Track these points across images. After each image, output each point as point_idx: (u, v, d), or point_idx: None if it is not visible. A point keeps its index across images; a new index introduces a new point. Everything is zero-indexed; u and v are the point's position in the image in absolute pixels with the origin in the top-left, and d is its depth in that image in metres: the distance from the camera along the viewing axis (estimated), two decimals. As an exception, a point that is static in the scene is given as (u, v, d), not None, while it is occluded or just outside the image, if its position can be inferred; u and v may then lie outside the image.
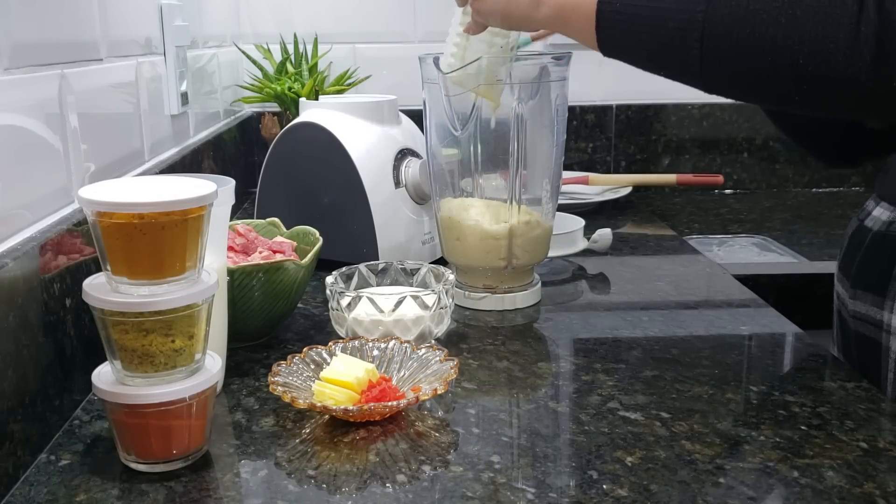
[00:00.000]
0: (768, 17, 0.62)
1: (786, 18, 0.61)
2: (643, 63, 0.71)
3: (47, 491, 0.59)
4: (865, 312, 0.85)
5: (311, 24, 1.62)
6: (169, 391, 0.59)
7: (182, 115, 1.16)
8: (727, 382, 0.75)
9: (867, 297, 0.84)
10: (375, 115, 1.09)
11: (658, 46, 0.67)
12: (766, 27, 0.62)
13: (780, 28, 0.62)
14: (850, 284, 0.87)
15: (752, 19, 0.62)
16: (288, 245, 0.87)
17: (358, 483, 0.59)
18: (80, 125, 0.78)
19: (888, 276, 0.81)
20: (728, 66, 0.65)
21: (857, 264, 0.87)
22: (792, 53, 0.62)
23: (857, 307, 0.86)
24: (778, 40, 0.62)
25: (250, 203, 1.41)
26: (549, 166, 0.95)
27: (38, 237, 0.66)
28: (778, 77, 0.64)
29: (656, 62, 0.69)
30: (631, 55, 0.71)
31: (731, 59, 0.64)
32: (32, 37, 0.70)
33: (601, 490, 0.58)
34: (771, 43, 0.62)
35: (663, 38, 0.66)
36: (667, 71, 0.69)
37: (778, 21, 0.62)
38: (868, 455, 0.62)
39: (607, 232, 1.16)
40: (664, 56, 0.68)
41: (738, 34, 0.63)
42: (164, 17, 1.09)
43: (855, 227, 0.90)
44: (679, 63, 0.67)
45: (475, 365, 0.80)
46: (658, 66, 0.70)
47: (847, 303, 0.88)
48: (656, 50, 0.67)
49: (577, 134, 1.69)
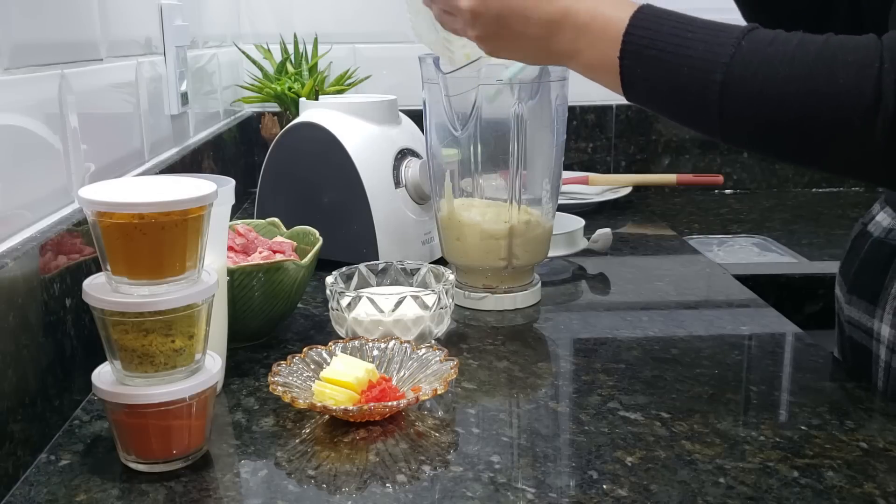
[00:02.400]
0: (792, 82, 0.60)
1: (807, 90, 0.60)
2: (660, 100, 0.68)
3: (47, 491, 0.59)
4: (858, 319, 0.84)
5: (311, 24, 1.62)
6: (169, 391, 0.59)
7: (182, 115, 1.16)
8: (727, 382, 0.75)
9: (861, 304, 0.84)
10: (375, 115, 1.09)
11: (678, 85, 0.65)
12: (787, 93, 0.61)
13: (800, 99, 0.60)
14: (847, 289, 0.87)
15: (775, 75, 0.60)
16: (288, 245, 0.87)
17: (358, 483, 0.59)
18: (80, 125, 0.78)
19: (881, 284, 0.80)
20: (747, 121, 0.63)
21: (855, 269, 0.86)
22: (809, 124, 0.61)
23: (852, 313, 0.85)
24: (797, 110, 0.61)
25: (250, 203, 1.41)
26: (549, 166, 0.95)
27: (38, 237, 0.66)
28: (795, 140, 0.63)
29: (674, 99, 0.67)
30: (650, 92, 0.68)
31: (750, 114, 0.63)
32: (32, 37, 0.70)
33: (601, 490, 0.58)
34: (790, 110, 0.61)
35: (684, 79, 0.64)
36: (684, 112, 0.67)
37: (799, 92, 0.60)
38: (868, 455, 0.62)
39: (607, 232, 1.16)
40: (683, 94, 0.65)
41: (761, 88, 0.61)
42: (164, 17, 1.09)
43: (858, 231, 0.89)
44: (697, 106, 0.65)
45: (475, 365, 0.80)
46: (676, 106, 0.67)
47: (843, 307, 0.88)
48: (675, 86, 0.65)
49: (577, 134, 1.69)
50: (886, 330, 0.79)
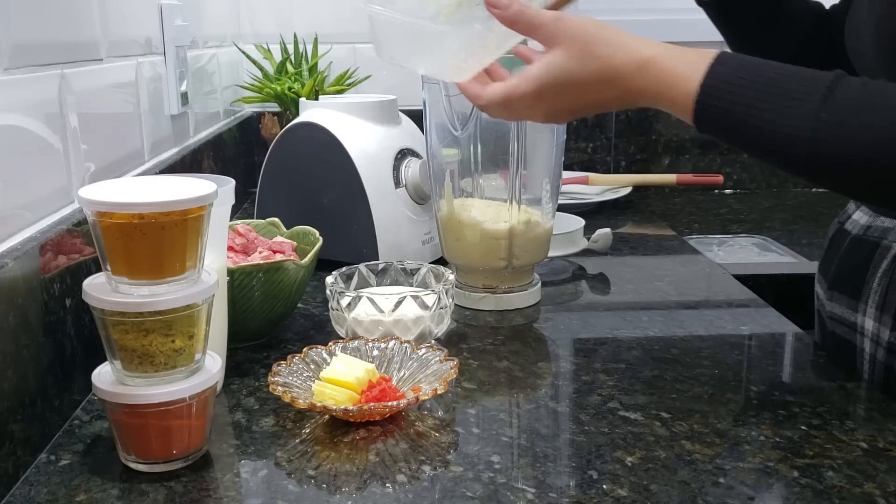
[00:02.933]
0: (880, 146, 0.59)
1: None
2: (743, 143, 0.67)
3: (47, 491, 0.59)
4: (841, 314, 0.85)
5: (311, 24, 1.62)
6: (169, 391, 0.59)
7: (182, 115, 1.16)
8: (727, 382, 0.75)
9: (843, 300, 0.85)
10: (375, 115, 1.09)
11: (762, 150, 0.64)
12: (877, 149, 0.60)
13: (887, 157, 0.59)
14: (828, 286, 0.88)
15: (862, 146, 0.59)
16: (288, 245, 0.87)
17: (358, 483, 0.59)
18: (80, 125, 0.78)
19: (862, 280, 0.82)
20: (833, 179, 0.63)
21: (835, 266, 0.87)
22: None
23: (834, 308, 0.87)
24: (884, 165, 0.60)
25: (250, 203, 1.41)
26: (549, 166, 0.95)
27: (38, 237, 0.66)
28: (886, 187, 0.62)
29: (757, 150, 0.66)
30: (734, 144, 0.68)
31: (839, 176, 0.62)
32: (32, 37, 0.70)
33: (601, 490, 0.58)
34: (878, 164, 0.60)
35: (768, 145, 0.63)
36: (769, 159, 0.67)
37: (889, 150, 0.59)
38: (868, 455, 0.62)
39: (607, 232, 1.16)
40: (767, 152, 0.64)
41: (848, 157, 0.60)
42: (164, 17, 1.09)
43: (836, 230, 0.90)
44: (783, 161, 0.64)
45: (475, 365, 0.80)
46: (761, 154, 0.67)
47: (825, 304, 0.89)
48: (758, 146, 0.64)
49: (577, 134, 1.69)
50: (870, 323, 0.80)
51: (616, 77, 0.66)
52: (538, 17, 0.68)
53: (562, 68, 0.67)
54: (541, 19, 0.68)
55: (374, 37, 0.78)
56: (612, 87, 0.67)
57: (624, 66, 0.65)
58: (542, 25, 0.68)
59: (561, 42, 0.67)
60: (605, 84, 0.67)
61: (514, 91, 0.69)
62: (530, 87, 0.68)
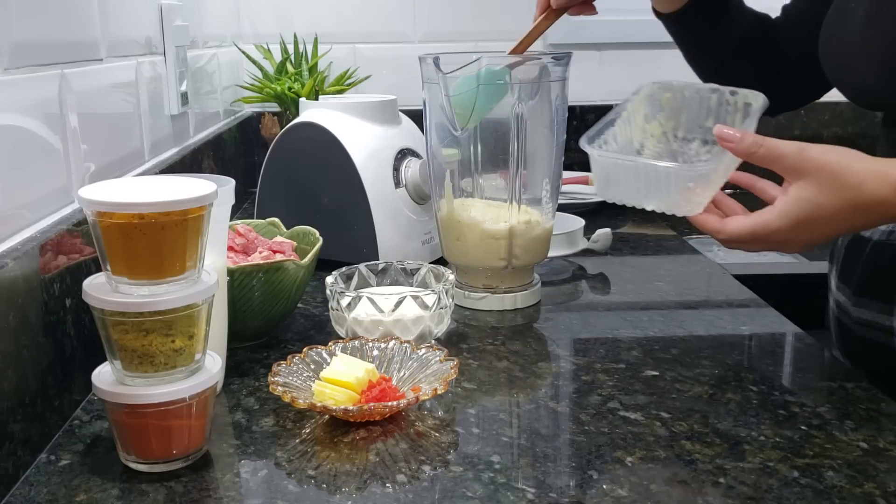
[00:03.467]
0: None
1: None
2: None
3: (47, 491, 0.59)
4: (872, 319, 0.85)
5: (311, 24, 1.62)
6: (169, 391, 0.59)
7: (182, 115, 1.16)
8: (727, 382, 0.75)
9: (873, 305, 0.85)
10: (375, 115, 1.09)
11: None
12: None
13: None
14: (853, 293, 0.88)
15: None
16: (288, 245, 0.87)
17: (358, 483, 0.59)
18: (80, 125, 0.78)
19: (893, 282, 0.82)
20: None
21: (860, 273, 0.87)
22: None
23: (863, 314, 0.86)
24: None
25: (250, 203, 1.41)
26: (549, 166, 0.95)
27: (38, 237, 0.66)
28: None
29: None
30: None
31: None
32: (32, 37, 0.70)
33: (601, 490, 0.58)
34: None
35: None
36: None
37: None
38: (868, 455, 0.62)
39: (607, 232, 1.16)
40: None
41: None
42: (164, 17, 1.09)
43: (852, 237, 0.90)
44: None
45: (475, 365, 0.80)
46: None
47: (850, 311, 0.88)
48: None
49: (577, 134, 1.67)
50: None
51: (872, 204, 0.68)
52: (777, 149, 0.70)
53: (813, 202, 0.69)
54: (780, 151, 0.70)
55: (596, 177, 0.82)
56: (870, 214, 0.69)
57: (877, 191, 0.67)
58: (782, 157, 0.70)
59: (808, 174, 0.69)
60: (860, 212, 0.68)
61: (763, 227, 0.71)
62: (784, 222, 0.70)
